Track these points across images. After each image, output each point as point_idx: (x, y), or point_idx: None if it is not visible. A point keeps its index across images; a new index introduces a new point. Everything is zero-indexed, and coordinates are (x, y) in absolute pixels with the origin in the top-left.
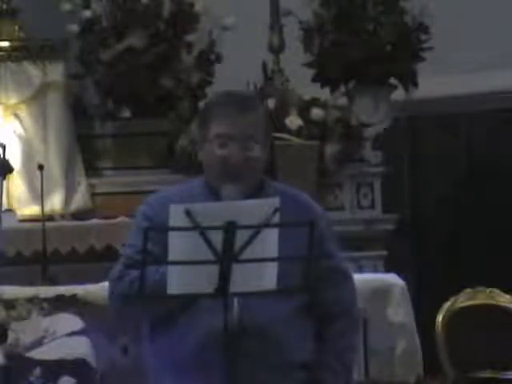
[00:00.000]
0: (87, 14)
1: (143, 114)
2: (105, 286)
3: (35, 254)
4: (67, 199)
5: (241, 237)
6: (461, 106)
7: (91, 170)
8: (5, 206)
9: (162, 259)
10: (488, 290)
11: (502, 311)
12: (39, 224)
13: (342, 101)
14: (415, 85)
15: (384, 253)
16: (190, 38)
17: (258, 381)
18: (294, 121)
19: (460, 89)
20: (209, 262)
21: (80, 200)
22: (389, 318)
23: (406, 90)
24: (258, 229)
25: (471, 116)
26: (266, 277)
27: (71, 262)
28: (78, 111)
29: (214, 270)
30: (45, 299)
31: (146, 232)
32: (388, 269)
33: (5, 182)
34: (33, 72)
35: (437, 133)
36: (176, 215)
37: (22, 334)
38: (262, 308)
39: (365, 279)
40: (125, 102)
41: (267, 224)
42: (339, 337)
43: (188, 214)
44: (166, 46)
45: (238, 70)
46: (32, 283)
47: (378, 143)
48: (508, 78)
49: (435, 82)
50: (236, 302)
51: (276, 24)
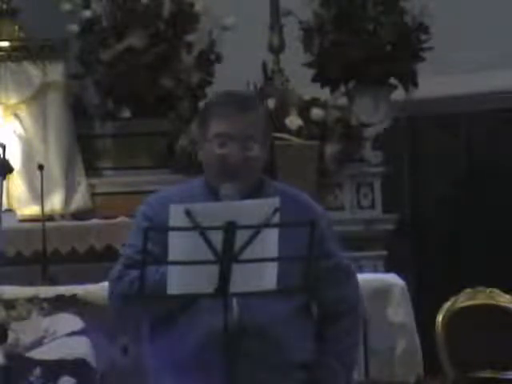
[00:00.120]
0: (87, 13)
1: (143, 114)
2: (105, 286)
3: (35, 254)
4: (67, 199)
5: (241, 237)
6: (461, 105)
7: (91, 169)
8: (5, 205)
9: (161, 259)
10: (488, 290)
11: (502, 311)
12: (39, 224)
13: (342, 101)
14: (415, 85)
15: (384, 253)
16: (190, 37)
17: (258, 381)
18: (294, 121)
19: (460, 89)
20: (209, 262)
21: (80, 200)
22: (389, 317)
23: (406, 90)
24: (257, 229)
25: (471, 116)
26: (266, 277)
27: (71, 261)
28: (78, 111)
29: (214, 270)
30: (45, 299)
31: (146, 232)
32: (388, 269)
33: (5, 182)
34: (33, 72)
35: (437, 133)
36: (176, 215)
37: (22, 333)
38: (262, 308)
39: (365, 279)
40: (125, 102)
41: (267, 224)
42: (344, 335)
43: (188, 214)
44: (166, 46)
45: (238, 69)
46: (32, 283)
47: (378, 143)
48: (508, 78)
49: (435, 82)
50: (235, 302)
51: (276, 24)
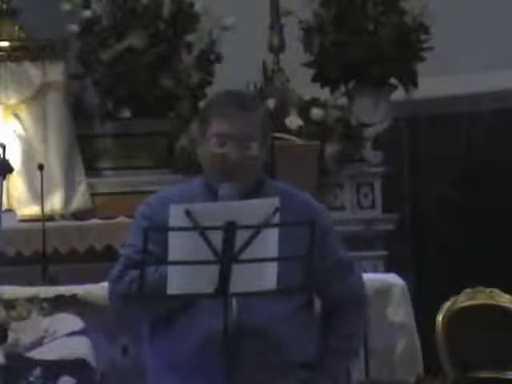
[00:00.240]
0: (87, 13)
1: (143, 114)
2: (105, 286)
3: (35, 254)
4: (67, 199)
5: (241, 237)
6: (461, 106)
7: (91, 170)
8: (5, 205)
9: (161, 259)
10: (488, 290)
11: (502, 311)
12: (39, 224)
13: (342, 101)
14: (415, 85)
15: (384, 253)
16: (190, 38)
17: (258, 381)
18: (293, 121)
19: (460, 89)
20: (209, 262)
21: (80, 200)
22: (389, 317)
23: (406, 90)
24: (257, 229)
25: (471, 116)
26: (266, 277)
27: (71, 261)
28: (78, 111)
29: (214, 270)
30: (45, 299)
31: (146, 232)
32: (388, 269)
33: (5, 182)
34: (33, 72)
35: (437, 133)
36: (176, 215)
37: (22, 333)
38: (261, 308)
39: (365, 279)
40: (125, 102)
41: (267, 224)
42: (349, 322)
43: (188, 214)
44: (166, 46)
45: (237, 70)
46: (32, 283)
47: (378, 143)
48: (508, 78)
49: (435, 82)
50: (234, 302)
51: (276, 24)
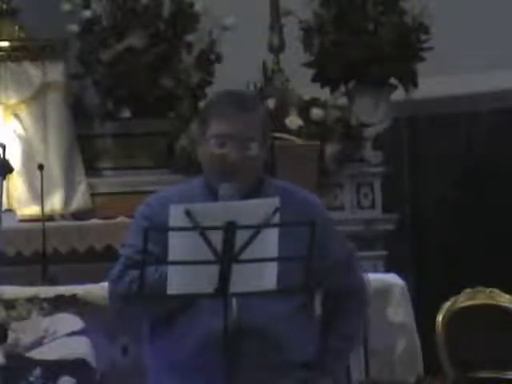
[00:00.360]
0: (87, 13)
1: (143, 114)
2: (105, 286)
3: (35, 254)
4: (67, 199)
5: (241, 237)
6: (461, 106)
7: (91, 170)
8: (5, 205)
9: (161, 259)
10: (488, 290)
11: (502, 311)
12: (39, 224)
13: (342, 101)
14: (415, 85)
15: (384, 253)
16: (190, 38)
17: (258, 381)
18: (293, 121)
19: (460, 89)
20: (209, 262)
21: (80, 200)
22: (389, 317)
23: (406, 90)
24: (257, 229)
25: (471, 116)
26: (266, 277)
27: (71, 261)
28: (78, 111)
29: (214, 270)
30: (45, 299)
31: (146, 232)
32: (388, 269)
33: (5, 182)
34: (33, 72)
35: (437, 133)
36: (176, 215)
37: (22, 333)
38: (261, 308)
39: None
40: (125, 102)
41: (267, 224)
42: (349, 317)
43: (188, 214)
44: (166, 46)
45: (237, 70)
46: (32, 283)
47: (378, 143)
48: (508, 78)
49: (435, 82)
50: (234, 302)
51: (276, 24)
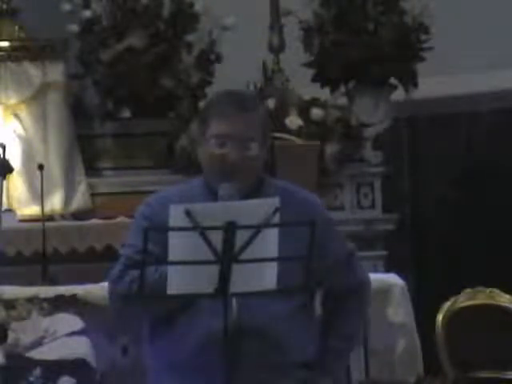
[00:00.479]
0: (87, 13)
1: (143, 114)
2: (105, 286)
3: (35, 254)
4: (67, 199)
5: (241, 237)
6: (461, 106)
7: (91, 170)
8: (5, 205)
9: (161, 259)
10: (488, 290)
11: (502, 311)
12: (39, 224)
13: (342, 101)
14: (415, 85)
15: (384, 253)
16: (190, 38)
17: (258, 381)
18: (293, 121)
19: (460, 89)
20: (209, 262)
21: (80, 200)
22: (389, 318)
23: (406, 90)
24: (257, 229)
25: (471, 116)
26: (266, 277)
27: (71, 261)
28: (78, 111)
29: (214, 270)
30: (45, 299)
31: (146, 232)
32: (388, 269)
33: (5, 182)
34: (33, 72)
35: (437, 133)
36: (176, 215)
37: (22, 333)
38: (261, 308)
39: None
40: (125, 102)
41: (267, 224)
42: (349, 315)
43: (188, 214)
44: (166, 46)
45: (237, 70)
46: (32, 283)
47: (378, 143)
48: (508, 78)
49: (435, 82)
50: (234, 302)
51: (276, 24)
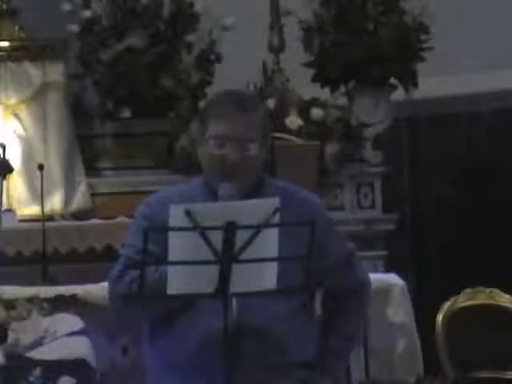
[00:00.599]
0: (87, 13)
1: (143, 114)
2: (105, 286)
3: (35, 254)
4: (67, 199)
5: (241, 237)
6: (461, 106)
7: (91, 170)
8: (5, 205)
9: (161, 259)
10: (488, 290)
11: (502, 311)
12: (39, 224)
13: (342, 101)
14: (415, 85)
15: (384, 253)
16: (190, 38)
17: (258, 381)
18: (293, 121)
19: (460, 89)
20: (209, 262)
21: (80, 200)
22: (389, 318)
23: (406, 90)
24: (257, 229)
25: (471, 116)
26: (266, 277)
27: (71, 261)
28: (78, 111)
29: (214, 270)
30: (45, 299)
31: (146, 232)
32: (388, 269)
33: (5, 182)
34: (33, 72)
35: (437, 133)
36: (176, 215)
37: (22, 333)
38: (261, 308)
39: None
40: (125, 102)
41: (267, 224)
42: (349, 315)
43: (188, 214)
44: (166, 46)
45: (237, 70)
46: (32, 283)
47: (378, 143)
48: (508, 78)
49: (435, 82)
50: (234, 302)
51: (276, 24)
